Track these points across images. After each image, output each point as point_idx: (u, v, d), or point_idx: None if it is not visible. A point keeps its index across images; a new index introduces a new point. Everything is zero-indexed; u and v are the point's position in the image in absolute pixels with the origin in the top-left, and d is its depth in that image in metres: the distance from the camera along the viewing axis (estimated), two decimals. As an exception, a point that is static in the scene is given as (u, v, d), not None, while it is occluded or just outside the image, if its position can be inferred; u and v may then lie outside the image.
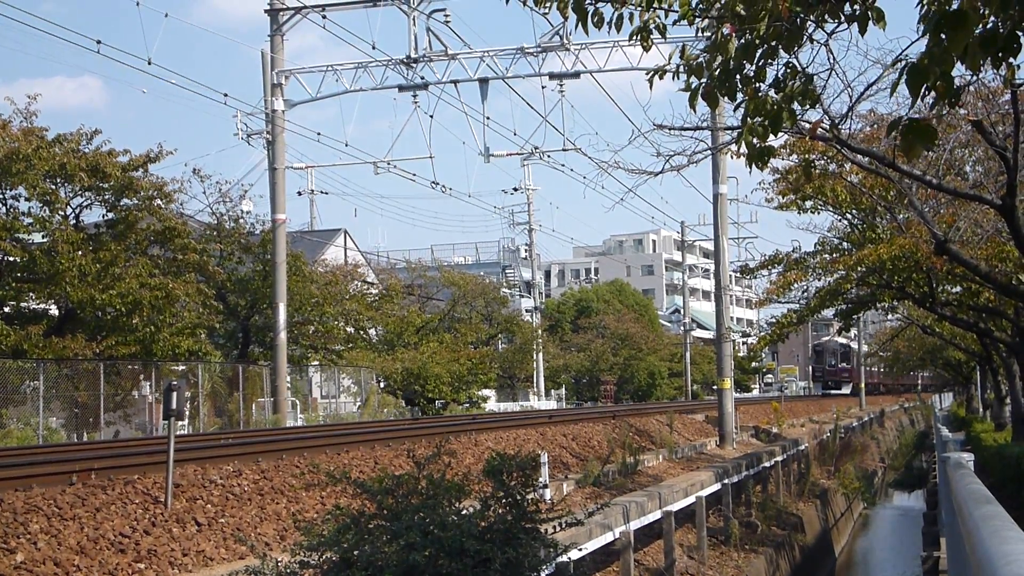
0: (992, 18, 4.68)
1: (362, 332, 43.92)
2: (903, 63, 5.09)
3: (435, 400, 41.67)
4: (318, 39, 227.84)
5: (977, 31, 4.64)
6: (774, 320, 27.35)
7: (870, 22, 5.44)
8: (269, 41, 30.17)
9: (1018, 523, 5.93)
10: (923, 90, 4.95)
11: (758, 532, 20.91)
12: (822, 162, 17.89)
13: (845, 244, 23.63)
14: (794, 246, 24.94)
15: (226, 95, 29.27)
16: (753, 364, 78.91)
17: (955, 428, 37.73)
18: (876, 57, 10.59)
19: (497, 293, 56.46)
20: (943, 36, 4.60)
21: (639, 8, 5.90)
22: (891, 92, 6.57)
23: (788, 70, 6.13)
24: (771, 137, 6.43)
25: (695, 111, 7.74)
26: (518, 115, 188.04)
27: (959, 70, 5.44)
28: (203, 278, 32.15)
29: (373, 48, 28.56)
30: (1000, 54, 4.76)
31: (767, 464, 24.85)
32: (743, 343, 76.25)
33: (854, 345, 73.28)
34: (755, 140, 6.31)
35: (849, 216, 22.63)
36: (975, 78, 8.58)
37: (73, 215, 28.84)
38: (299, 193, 61.53)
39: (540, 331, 56.78)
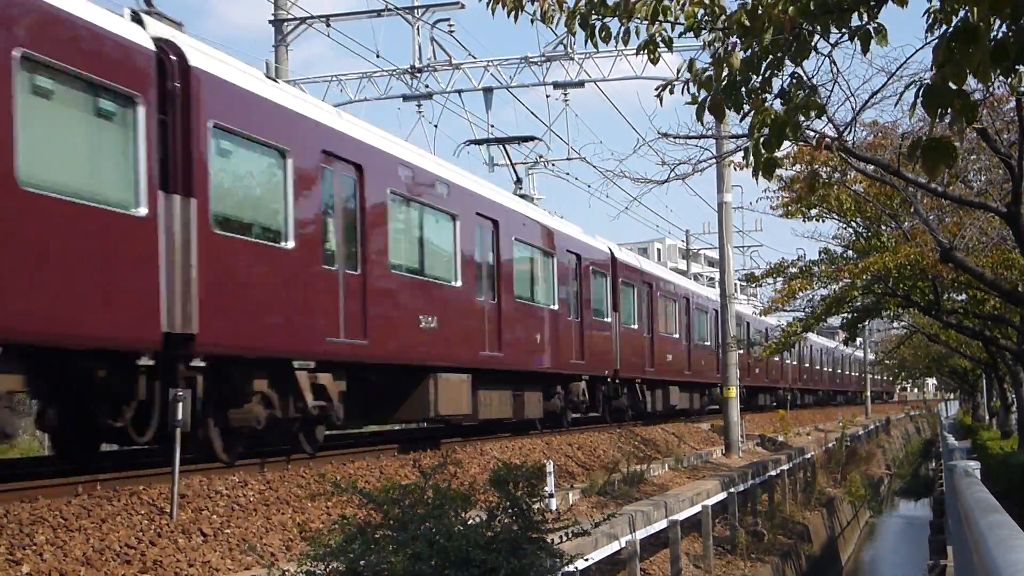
0: (1002, 29, 4.65)
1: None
2: (917, 83, 5.06)
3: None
4: (325, 48, 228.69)
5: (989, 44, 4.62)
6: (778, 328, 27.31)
7: (872, 40, 5.44)
8: (274, 52, 30.20)
9: (1025, 533, 5.92)
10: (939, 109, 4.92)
11: (764, 541, 20.87)
12: (826, 171, 17.89)
13: (850, 252, 23.62)
14: (799, 254, 24.89)
15: (231, 105, 29.31)
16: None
17: (961, 436, 37.65)
18: (880, 66, 10.63)
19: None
20: (955, 53, 4.57)
21: (645, 21, 5.92)
22: (910, 115, 6.54)
23: (793, 81, 6.14)
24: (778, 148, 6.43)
25: (703, 124, 7.77)
26: (522, 124, 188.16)
27: (970, 82, 5.43)
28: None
29: (377, 57, 28.49)
30: (1012, 65, 4.74)
31: (773, 473, 24.80)
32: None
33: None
34: (763, 151, 6.31)
35: (854, 224, 22.62)
36: (988, 92, 8.58)
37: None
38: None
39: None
